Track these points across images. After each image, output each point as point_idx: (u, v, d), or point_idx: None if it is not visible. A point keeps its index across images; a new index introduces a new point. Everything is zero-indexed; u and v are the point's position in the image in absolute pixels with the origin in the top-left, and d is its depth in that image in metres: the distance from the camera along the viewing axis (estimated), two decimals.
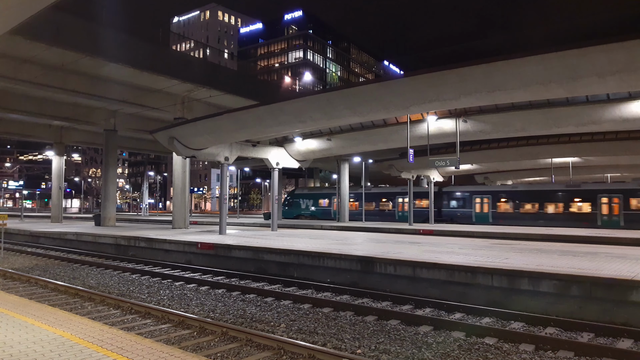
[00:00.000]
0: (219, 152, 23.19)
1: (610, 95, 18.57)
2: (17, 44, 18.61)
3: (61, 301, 11.01)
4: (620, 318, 8.91)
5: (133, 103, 26.16)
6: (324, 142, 26.98)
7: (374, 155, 37.93)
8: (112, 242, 21.81)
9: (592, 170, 42.98)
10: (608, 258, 12.74)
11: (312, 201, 45.65)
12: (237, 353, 7.22)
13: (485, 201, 36.10)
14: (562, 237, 21.95)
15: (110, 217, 31.74)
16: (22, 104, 27.53)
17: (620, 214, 31.26)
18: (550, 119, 20.63)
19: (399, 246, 16.47)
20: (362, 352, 7.38)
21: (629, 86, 13.75)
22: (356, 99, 16.53)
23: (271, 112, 18.72)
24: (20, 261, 18.80)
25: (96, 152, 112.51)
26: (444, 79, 14.34)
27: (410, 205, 33.27)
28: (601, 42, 11.74)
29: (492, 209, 35.56)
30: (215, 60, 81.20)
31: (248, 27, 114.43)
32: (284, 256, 15.08)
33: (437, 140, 24.80)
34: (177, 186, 27.70)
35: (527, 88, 13.54)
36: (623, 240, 20.42)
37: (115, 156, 34.09)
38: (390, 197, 41.30)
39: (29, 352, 5.40)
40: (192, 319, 8.75)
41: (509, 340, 7.99)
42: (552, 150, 32.29)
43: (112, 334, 6.31)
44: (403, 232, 27.53)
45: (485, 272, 10.78)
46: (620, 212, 31.31)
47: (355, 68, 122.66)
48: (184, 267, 16.34)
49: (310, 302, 10.85)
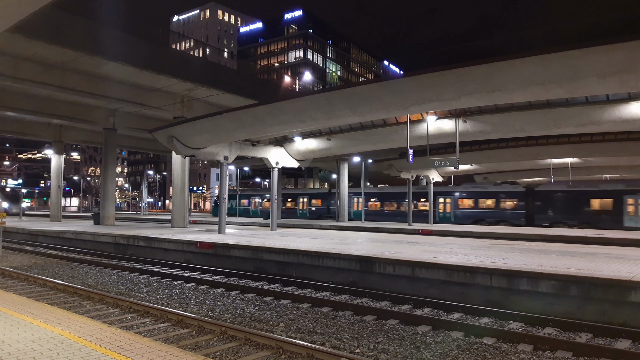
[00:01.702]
0: (218, 151, 23.18)
1: (610, 96, 18.57)
2: (17, 42, 18.60)
3: (60, 300, 11.00)
4: (618, 318, 8.92)
5: (132, 102, 26.15)
6: (323, 141, 26.98)
7: (374, 155, 37.94)
8: (111, 241, 21.80)
9: (592, 171, 43.00)
10: (607, 259, 12.76)
11: (235, 202, 52.88)
12: (235, 352, 7.22)
13: (360, 201, 42.97)
14: (561, 238, 21.98)
15: (109, 216, 31.73)
16: (22, 103, 27.51)
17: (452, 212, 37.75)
18: (549, 119, 20.64)
19: (398, 246, 16.48)
20: (360, 352, 7.38)
21: (628, 87, 13.75)
22: (356, 98, 16.52)
23: (271, 111, 18.72)
24: (19, 260, 18.78)
25: (95, 151, 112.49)
26: (443, 79, 14.33)
27: (409, 205, 33.30)
28: (601, 42, 11.74)
29: (364, 207, 42.14)
30: (215, 59, 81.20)
31: (248, 26, 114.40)
32: (283, 256, 15.08)
33: (437, 141, 24.80)
34: (177, 185, 27.69)
35: (527, 88, 13.54)
36: (622, 241, 20.44)
37: (114, 155, 34.05)
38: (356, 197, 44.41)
39: (27, 350, 5.39)
40: (191, 318, 8.74)
41: (507, 340, 8.00)
42: (551, 151, 32.29)
43: (110, 332, 6.30)
44: (402, 232, 27.55)
45: (484, 272, 10.79)
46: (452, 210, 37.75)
47: (355, 68, 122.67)
48: (183, 266, 16.33)
49: (309, 301, 10.85)
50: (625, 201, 30.66)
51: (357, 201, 43.26)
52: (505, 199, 36.06)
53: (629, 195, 30.38)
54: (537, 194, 34.98)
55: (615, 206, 30.96)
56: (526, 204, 35.15)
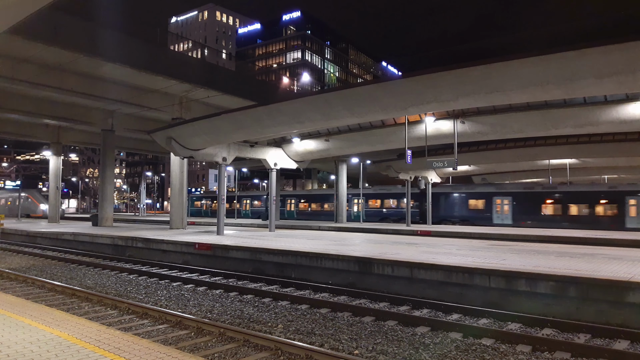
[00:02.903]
0: (216, 152, 23.17)
1: (607, 97, 18.61)
2: (15, 43, 18.60)
3: (58, 301, 10.98)
4: (616, 319, 8.94)
5: (131, 103, 26.15)
6: (321, 143, 26.98)
7: (372, 156, 37.96)
8: (109, 243, 21.77)
9: (590, 171, 43.08)
10: (605, 259, 12.78)
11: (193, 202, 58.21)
12: (234, 353, 7.22)
13: (293, 202, 47.44)
14: (559, 239, 22.01)
15: (107, 217, 31.70)
16: (20, 104, 27.47)
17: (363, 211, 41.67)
18: (547, 120, 20.68)
19: (396, 247, 16.49)
20: (359, 353, 7.38)
21: (626, 88, 13.79)
22: (354, 99, 16.54)
23: (269, 112, 18.72)
24: (17, 261, 18.75)
25: (94, 152, 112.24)
26: (441, 80, 14.35)
27: (407, 206, 33.32)
28: (599, 43, 11.77)
29: (296, 208, 46.78)
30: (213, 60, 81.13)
31: (246, 27, 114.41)
32: (282, 257, 15.08)
33: (435, 142, 24.82)
34: (175, 186, 27.67)
35: (525, 89, 13.57)
36: (622, 242, 20.47)
37: (112, 156, 34.03)
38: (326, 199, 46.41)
39: (25, 352, 5.38)
40: (190, 319, 8.74)
41: (506, 341, 8.00)
42: (549, 152, 32.36)
43: (109, 334, 6.30)
44: (400, 233, 27.56)
45: (482, 273, 10.80)
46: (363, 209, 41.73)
47: (354, 69, 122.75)
48: (182, 268, 16.31)
49: (308, 302, 10.85)
50: (495, 202, 35.24)
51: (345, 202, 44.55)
52: (403, 200, 39.63)
53: (497, 197, 35.23)
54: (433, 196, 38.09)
55: (486, 206, 35.70)
56: (420, 204, 38.85)
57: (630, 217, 29.91)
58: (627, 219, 29.98)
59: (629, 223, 29.77)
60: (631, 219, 29.86)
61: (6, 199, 59.04)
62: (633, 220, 29.76)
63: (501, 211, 34.58)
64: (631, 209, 29.91)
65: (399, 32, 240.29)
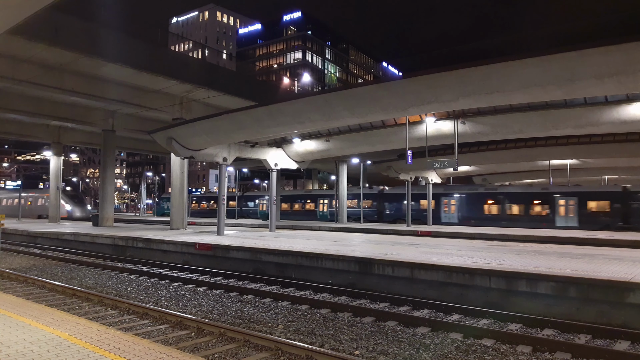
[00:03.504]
0: (217, 152, 23.18)
1: (608, 97, 18.60)
2: (16, 43, 18.60)
3: (59, 301, 10.99)
4: (617, 320, 8.93)
5: (131, 103, 26.14)
6: (322, 143, 26.99)
7: (373, 157, 37.98)
8: (109, 243, 21.78)
9: (590, 172, 43.06)
10: (606, 260, 12.77)
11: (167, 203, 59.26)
12: (234, 354, 7.22)
13: (265, 202, 50.57)
14: (560, 239, 22.00)
15: (108, 217, 31.71)
16: (20, 104, 27.48)
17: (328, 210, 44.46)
18: (548, 121, 20.68)
19: (396, 247, 16.48)
20: (359, 353, 7.38)
21: (626, 88, 13.78)
22: (354, 100, 16.54)
23: (270, 113, 18.73)
24: (17, 261, 18.76)
25: (94, 153, 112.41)
26: (442, 81, 14.36)
27: (408, 206, 33.31)
28: (599, 44, 11.77)
29: (265, 209, 49.76)
30: (213, 60, 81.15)
31: (247, 27, 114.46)
32: (282, 257, 15.08)
33: (436, 142, 24.82)
34: (175, 187, 27.68)
35: (526, 90, 13.57)
36: (621, 243, 20.46)
37: (113, 156, 34.05)
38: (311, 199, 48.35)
39: (26, 352, 5.38)
40: (190, 319, 8.74)
41: (506, 341, 8.00)
42: (550, 152, 32.36)
43: (109, 334, 6.30)
44: (401, 233, 27.56)
45: (483, 274, 10.79)
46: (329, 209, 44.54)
47: (354, 69, 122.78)
48: (182, 268, 16.32)
49: (309, 303, 10.85)
50: (442, 202, 37.96)
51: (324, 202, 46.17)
52: (365, 200, 42.70)
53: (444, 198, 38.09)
54: (384, 197, 42.34)
55: (436, 206, 37.85)
56: (378, 204, 42.25)
57: (559, 216, 32.61)
58: (557, 217, 32.68)
59: (558, 222, 32.44)
60: (560, 218, 32.54)
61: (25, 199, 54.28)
62: (562, 219, 32.41)
63: (448, 211, 36.94)
64: (560, 208, 32.57)
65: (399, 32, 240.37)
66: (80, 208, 48.78)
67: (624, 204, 31.08)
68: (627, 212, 30.92)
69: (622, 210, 30.94)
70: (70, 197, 48.94)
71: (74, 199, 49.85)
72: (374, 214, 42.32)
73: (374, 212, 42.44)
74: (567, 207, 32.77)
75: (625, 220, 30.94)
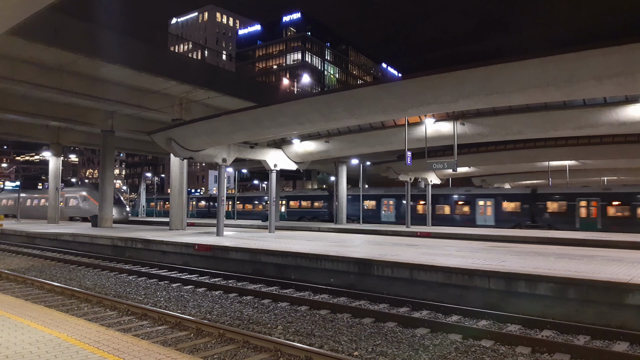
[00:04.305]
0: (216, 153, 23.18)
1: (607, 98, 18.62)
2: (15, 44, 18.58)
3: (57, 302, 10.98)
4: (616, 321, 8.93)
5: (131, 104, 26.12)
6: (321, 144, 27.00)
7: (372, 158, 37.99)
8: (109, 244, 21.76)
9: (589, 173, 43.09)
10: (605, 261, 12.78)
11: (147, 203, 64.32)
12: (233, 355, 7.21)
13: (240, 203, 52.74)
14: (559, 240, 22.00)
15: (107, 218, 31.68)
16: (20, 105, 27.45)
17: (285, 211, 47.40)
18: (547, 122, 20.70)
19: (396, 248, 16.48)
20: (359, 354, 7.38)
21: (626, 90, 13.79)
22: (354, 101, 16.55)
23: (269, 113, 18.73)
24: (16, 262, 18.74)
25: (93, 153, 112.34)
26: (442, 82, 14.37)
27: (407, 207, 33.33)
28: (598, 45, 11.80)
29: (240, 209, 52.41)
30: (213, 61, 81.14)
31: (246, 28, 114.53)
32: (282, 258, 15.07)
33: (435, 143, 24.84)
34: (175, 187, 27.66)
35: (525, 91, 13.58)
36: (620, 244, 20.47)
37: (112, 157, 34.00)
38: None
39: (25, 353, 5.38)
40: (189, 320, 8.73)
41: (505, 342, 8.00)
42: (549, 153, 32.38)
43: (108, 335, 6.29)
44: (400, 234, 27.55)
45: (482, 275, 10.80)
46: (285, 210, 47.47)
47: (354, 70, 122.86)
48: (181, 269, 16.31)
49: (308, 304, 10.84)
50: (382, 202, 41.01)
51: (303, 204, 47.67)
52: (316, 201, 45.74)
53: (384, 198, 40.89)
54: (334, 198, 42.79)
55: (377, 207, 40.84)
56: (329, 204, 44.12)
57: (479, 215, 35.56)
58: (477, 217, 35.64)
59: (478, 221, 35.36)
60: (480, 217, 35.48)
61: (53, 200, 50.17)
62: (481, 218, 35.38)
63: (387, 210, 39.57)
64: (479, 209, 35.59)
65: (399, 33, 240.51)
66: (119, 209, 41.92)
67: (532, 205, 33.81)
68: (535, 212, 33.65)
69: (531, 210, 33.69)
70: None
71: None
72: (325, 215, 44.93)
73: (325, 212, 45.03)
74: (485, 208, 35.68)
75: (533, 219, 33.62)
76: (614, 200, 30.79)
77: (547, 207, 33.33)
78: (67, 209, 43.84)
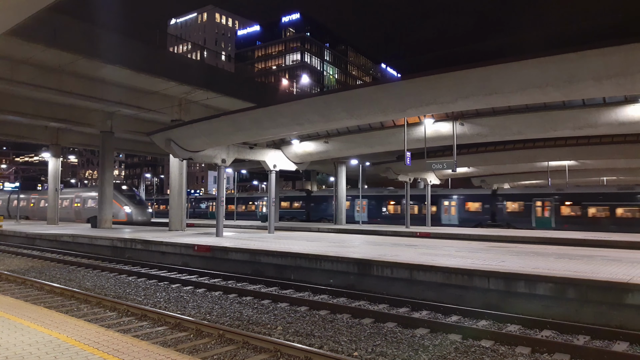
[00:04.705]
0: (216, 154, 23.18)
1: (606, 99, 18.64)
2: (14, 45, 18.58)
3: (57, 303, 10.97)
4: (616, 321, 8.94)
5: (130, 105, 26.12)
6: (321, 144, 27.00)
7: (371, 158, 38.04)
8: (108, 244, 21.75)
9: (589, 173, 43.12)
10: (604, 261, 12.79)
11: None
12: (233, 355, 7.21)
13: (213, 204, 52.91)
14: (558, 241, 22.02)
15: (106, 219, 31.66)
16: (19, 106, 27.43)
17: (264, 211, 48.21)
18: (546, 122, 20.71)
19: (395, 249, 16.48)
20: (358, 355, 7.38)
21: (625, 90, 13.81)
22: (353, 101, 16.55)
23: (268, 114, 18.73)
24: (15, 263, 18.72)
25: (92, 154, 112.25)
26: (441, 82, 14.38)
27: (407, 207, 33.35)
28: (597, 45, 11.80)
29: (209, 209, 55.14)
30: (212, 62, 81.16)
31: (245, 29, 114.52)
32: (281, 259, 15.07)
33: (434, 143, 24.85)
34: (174, 188, 27.66)
35: (524, 91, 13.59)
36: (620, 244, 20.48)
37: (111, 158, 33.99)
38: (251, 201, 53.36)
39: (24, 354, 5.37)
40: (189, 321, 8.73)
41: (505, 342, 8.00)
42: (548, 154, 32.41)
43: (108, 336, 6.29)
44: (400, 234, 27.55)
45: (481, 275, 10.80)
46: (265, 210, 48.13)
47: (353, 71, 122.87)
48: (181, 270, 16.30)
49: (307, 304, 10.84)
50: (356, 203, 41.88)
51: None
52: (295, 202, 47.63)
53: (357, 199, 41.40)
54: (310, 198, 46.55)
55: (350, 206, 42.22)
56: (306, 205, 46.42)
57: (444, 215, 37.62)
58: (442, 216, 37.73)
59: (443, 220, 37.39)
60: (445, 216, 37.56)
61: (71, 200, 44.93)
62: (446, 218, 37.39)
63: (360, 211, 40.63)
64: (444, 208, 37.84)
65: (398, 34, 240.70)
66: (142, 210, 40.05)
67: (492, 205, 35.62)
68: (495, 211, 35.47)
69: (491, 210, 35.52)
70: (128, 198, 39.88)
71: (133, 199, 40.75)
72: (302, 214, 46.86)
73: (303, 212, 46.99)
74: (450, 208, 37.50)
75: (493, 219, 35.34)
76: (567, 200, 32.62)
77: (507, 207, 35.00)
78: (86, 210, 40.87)
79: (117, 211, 37.85)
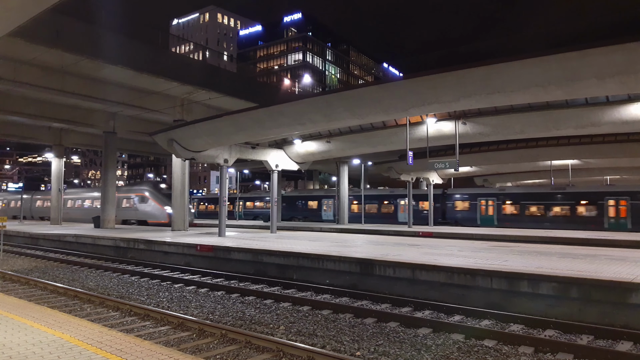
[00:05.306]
0: (218, 154, 23.19)
1: (609, 97, 18.58)
2: (17, 46, 18.61)
3: (60, 303, 11.00)
4: (619, 320, 8.91)
5: (132, 105, 26.15)
6: (323, 144, 26.99)
7: (373, 158, 38.00)
8: (111, 244, 21.79)
9: (592, 172, 42.99)
10: (608, 260, 12.75)
11: None
12: (236, 355, 7.22)
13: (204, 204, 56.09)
14: (561, 240, 21.96)
15: (109, 219, 31.71)
16: (22, 107, 27.51)
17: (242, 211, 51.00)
18: (549, 121, 20.65)
19: (398, 248, 16.47)
20: (361, 355, 7.38)
21: (628, 88, 13.76)
22: (355, 101, 16.54)
23: (270, 114, 18.73)
24: (19, 263, 18.78)
25: (95, 154, 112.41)
26: (443, 82, 14.35)
27: (409, 207, 33.29)
28: (600, 44, 11.76)
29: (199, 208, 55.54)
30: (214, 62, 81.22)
31: (247, 29, 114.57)
32: (283, 258, 15.07)
33: (437, 143, 24.81)
34: (177, 188, 27.68)
35: (526, 90, 13.55)
36: (624, 243, 20.42)
37: (114, 158, 34.04)
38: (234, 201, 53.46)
39: (28, 354, 5.39)
40: (192, 321, 8.74)
41: (508, 342, 7.99)
42: (551, 153, 32.32)
43: (111, 335, 6.30)
44: (402, 234, 27.53)
45: (484, 275, 10.78)
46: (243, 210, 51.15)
47: (355, 70, 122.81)
48: (183, 269, 16.33)
49: (310, 304, 10.84)
50: (323, 202, 44.20)
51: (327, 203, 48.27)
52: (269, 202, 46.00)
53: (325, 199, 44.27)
54: (284, 199, 47.07)
55: (318, 206, 44.47)
56: (284, 206, 46.29)
57: (400, 213, 39.41)
58: (398, 215, 39.55)
59: (400, 218, 38.91)
60: (400, 215, 39.21)
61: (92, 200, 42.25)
62: (402, 216, 38.76)
63: (328, 210, 42.85)
64: (400, 208, 39.59)
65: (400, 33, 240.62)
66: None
67: (443, 204, 37.75)
68: (445, 210, 37.68)
69: (442, 209, 37.64)
70: (169, 198, 33.60)
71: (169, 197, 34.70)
72: None
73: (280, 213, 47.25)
74: (405, 207, 38.45)
75: (444, 217, 37.41)
76: (507, 200, 34.74)
77: (456, 206, 37.25)
78: (120, 211, 36.52)
79: (157, 212, 34.61)
